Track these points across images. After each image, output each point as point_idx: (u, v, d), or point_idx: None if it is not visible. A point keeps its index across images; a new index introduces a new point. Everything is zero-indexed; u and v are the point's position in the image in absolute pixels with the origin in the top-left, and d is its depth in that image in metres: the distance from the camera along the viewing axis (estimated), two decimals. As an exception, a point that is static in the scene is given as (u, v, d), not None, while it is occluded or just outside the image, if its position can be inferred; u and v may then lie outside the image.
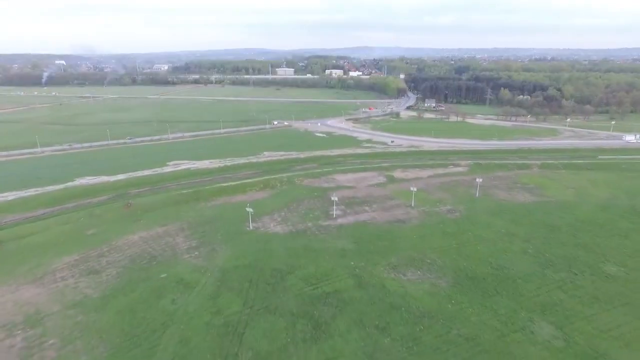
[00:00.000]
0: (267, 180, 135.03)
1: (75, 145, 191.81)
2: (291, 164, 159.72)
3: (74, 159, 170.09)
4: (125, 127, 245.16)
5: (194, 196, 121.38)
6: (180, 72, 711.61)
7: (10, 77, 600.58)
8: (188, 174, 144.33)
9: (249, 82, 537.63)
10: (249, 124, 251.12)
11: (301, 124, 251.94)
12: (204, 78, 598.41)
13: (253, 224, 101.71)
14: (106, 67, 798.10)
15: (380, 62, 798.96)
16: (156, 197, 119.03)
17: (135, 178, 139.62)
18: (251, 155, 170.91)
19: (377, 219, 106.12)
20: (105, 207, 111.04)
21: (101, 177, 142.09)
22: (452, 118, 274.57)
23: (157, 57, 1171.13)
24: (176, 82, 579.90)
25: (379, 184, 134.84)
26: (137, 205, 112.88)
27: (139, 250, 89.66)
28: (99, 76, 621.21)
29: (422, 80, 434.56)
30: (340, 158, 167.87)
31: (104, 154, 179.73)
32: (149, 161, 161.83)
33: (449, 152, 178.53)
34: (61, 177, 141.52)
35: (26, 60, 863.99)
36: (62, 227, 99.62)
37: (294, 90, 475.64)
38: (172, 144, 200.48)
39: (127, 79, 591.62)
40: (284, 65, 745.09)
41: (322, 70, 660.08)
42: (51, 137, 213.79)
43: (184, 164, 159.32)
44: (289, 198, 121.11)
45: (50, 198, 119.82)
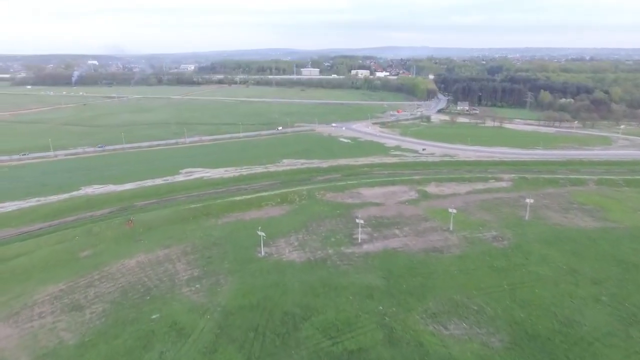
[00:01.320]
0: (285, 193, 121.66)
1: (89, 148, 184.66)
2: (312, 174, 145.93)
3: (85, 164, 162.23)
4: (144, 129, 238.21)
5: (203, 211, 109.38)
6: (206, 72, 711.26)
7: (43, 77, 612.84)
8: (200, 185, 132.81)
9: (272, 83, 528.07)
10: (271, 127, 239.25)
11: (325, 128, 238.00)
12: (228, 78, 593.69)
13: (265, 249, 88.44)
14: (135, 67, 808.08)
15: (408, 62, 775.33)
16: (162, 213, 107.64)
17: (144, 188, 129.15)
18: (269, 163, 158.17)
19: (409, 246, 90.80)
20: (105, 223, 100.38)
21: (108, 185, 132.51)
22: (488, 123, 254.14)
23: (185, 57, 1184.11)
24: (201, 82, 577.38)
25: (410, 200, 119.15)
26: (139, 222, 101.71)
27: (133, 280, 77.90)
28: (127, 76, 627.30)
29: (453, 81, 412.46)
30: (366, 168, 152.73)
31: (117, 158, 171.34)
32: (161, 168, 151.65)
33: (488, 162, 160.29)
34: (68, 184, 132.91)
35: (61, 60, 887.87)
36: (55, 247, 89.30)
37: (318, 91, 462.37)
38: (188, 148, 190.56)
39: (153, 79, 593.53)
40: (309, 65, 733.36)
41: (348, 70, 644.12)
42: (68, 139, 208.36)
43: (198, 172, 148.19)
44: (308, 216, 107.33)
45: (50, 210, 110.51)
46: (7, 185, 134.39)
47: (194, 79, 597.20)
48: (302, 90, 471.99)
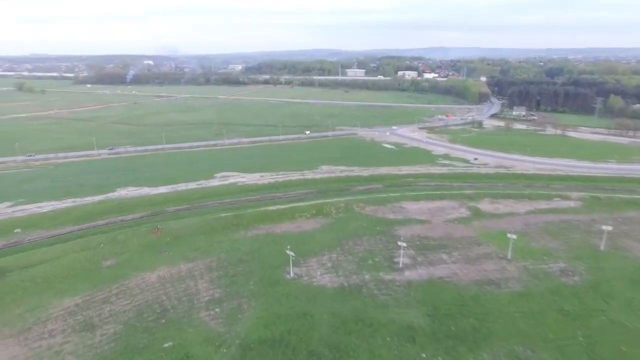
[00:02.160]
0: (321, 205, 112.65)
1: (130, 148, 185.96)
2: (351, 183, 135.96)
3: (125, 164, 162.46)
4: (186, 129, 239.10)
5: (233, 221, 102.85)
6: (253, 72, 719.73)
7: (102, 76, 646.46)
8: (233, 191, 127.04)
9: (314, 84, 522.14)
10: (312, 129, 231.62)
11: (367, 132, 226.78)
12: (273, 78, 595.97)
13: (295, 270, 79.93)
14: (186, 67, 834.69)
15: (458, 63, 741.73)
16: (190, 221, 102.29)
17: (177, 192, 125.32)
18: (307, 170, 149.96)
19: (459, 275, 78.67)
20: (131, 230, 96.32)
21: (143, 188, 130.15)
22: (548, 130, 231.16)
23: (234, 57, 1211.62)
24: (247, 82, 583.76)
25: (460, 219, 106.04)
26: (166, 231, 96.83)
27: (151, 297, 72.14)
28: (178, 76, 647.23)
29: (509, 84, 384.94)
30: (410, 178, 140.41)
31: (156, 159, 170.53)
32: (197, 171, 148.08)
33: (551, 177, 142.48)
34: (105, 185, 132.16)
35: (121, 60, 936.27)
36: (80, 254, 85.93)
37: (363, 92, 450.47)
38: (226, 151, 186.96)
39: (202, 78, 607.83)
40: (355, 66, 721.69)
41: (395, 71, 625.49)
42: (113, 137, 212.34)
43: (233, 176, 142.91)
44: (344, 232, 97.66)
45: (82, 213, 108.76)
46: (49, 184, 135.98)
47: (240, 79, 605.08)
48: (345, 91, 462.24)
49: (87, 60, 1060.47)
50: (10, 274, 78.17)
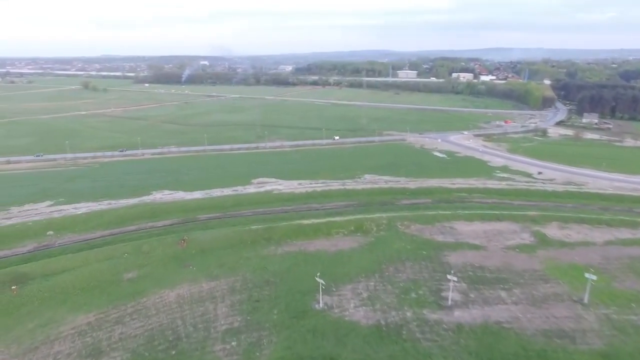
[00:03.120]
0: (361, 220, 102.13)
1: (173, 148, 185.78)
2: (396, 195, 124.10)
3: (165, 165, 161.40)
4: (230, 130, 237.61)
5: (264, 235, 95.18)
6: (302, 73, 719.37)
7: (160, 76, 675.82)
8: (268, 199, 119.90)
9: (363, 85, 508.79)
10: (357, 134, 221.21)
11: (417, 138, 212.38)
12: (322, 79, 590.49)
13: (326, 298, 70.40)
14: (239, 68, 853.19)
15: (519, 64, 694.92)
16: (219, 233, 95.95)
17: (210, 199, 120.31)
18: (349, 179, 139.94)
19: (521, 321, 65.16)
20: (158, 240, 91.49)
21: (178, 192, 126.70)
22: (627, 142, 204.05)
23: (286, 58, 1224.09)
24: (296, 83, 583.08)
25: (522, 246, 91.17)
26: (193, 242, 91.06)
27: (166, 321, 65.73)
28: (229, 76, 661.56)
29: (577, 88, 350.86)
30: (463, 193, 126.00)
31: (195, 162, 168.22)
32: (234, 176, 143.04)
33: (634, 199, 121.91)
34: (141, 187, 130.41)
35: (179, 61, 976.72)
36: (102, 264, 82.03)
37: (414, 95, 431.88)
38: (266, 154, 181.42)
39: (252, 79, 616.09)
40: (407, 67, 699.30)
41: (449, 73, 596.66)
42: (160, 137, 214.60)
43: (270, 183, 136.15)
44: (385, 254, 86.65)
45: (115, 217, 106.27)
46: (90, 184, 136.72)
47: (289, 80, 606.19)
48: (396, 93, 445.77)
49: (149, 60, 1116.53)
50: (32, 281, 75.40)
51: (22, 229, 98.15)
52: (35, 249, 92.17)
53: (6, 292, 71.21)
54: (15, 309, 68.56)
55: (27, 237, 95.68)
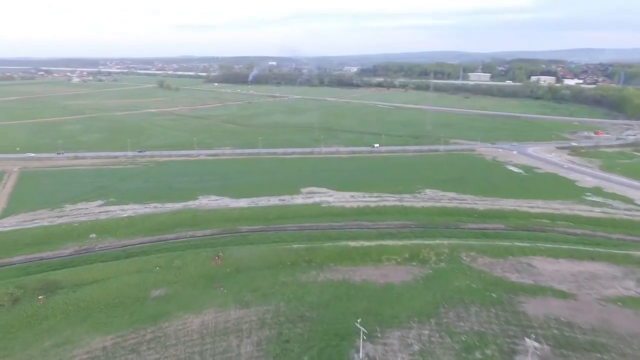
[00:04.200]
0: (418, 247, 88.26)
1: (227, 150, 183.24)
2: (462, 217, 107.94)
3: (217, 168, 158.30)
4: (287, 132, 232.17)
5: (305, 256, 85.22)
6: (367, 74, 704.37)
7: (228, 76, 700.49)
8: (315, 213, 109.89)
9: (431, 88, 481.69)
10: (420, 141, 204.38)
11: (489, 149, 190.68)
12: (387, 81, 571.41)
13: (368, 346, 58.60)
14: (304, 69, 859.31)
15: (611, 67, 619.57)
16: (257, 250, 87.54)
17: (254, 209, 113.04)
18: (407, 193, 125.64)
19: (630, 415, 48.21)
20: (192, 254, 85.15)
21: (224, 198, 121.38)
22: None
23: (351, 59, 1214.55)
24: (360, 85, 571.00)
25: (626, 299, 71.70)
26: (228, 258, 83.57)
27: (184, 355, 58.08)
28: (294, 76, 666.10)
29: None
30: (545, 220, 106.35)
31: (247, 165, 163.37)
32: (284, 183, 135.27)
33: None
34: (189, 191, 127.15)
35: (249, 61, 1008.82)
36: (132, 277, 77.13)
37: (486, 99, 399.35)
38: (320, 160, 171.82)
39: (316, 80, 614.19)
40: (479, 69, 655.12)
41: (527, 76, 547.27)
42: (217, 137, 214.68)
43: (320, 193, 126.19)
44: (444, 294, 72.51)
45: (157, 223, 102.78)
46: (142, 184, 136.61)
47: (353, 81, 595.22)
48: (466, 97, 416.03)
49: (222, 61, 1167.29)
50: (61, 291, 72.19)
51: (67, 230, 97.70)
52: (76, 252, 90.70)
53: (33, 302, 68.32)
54: (37, 322, 65.07)
55: (70, 238, 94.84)
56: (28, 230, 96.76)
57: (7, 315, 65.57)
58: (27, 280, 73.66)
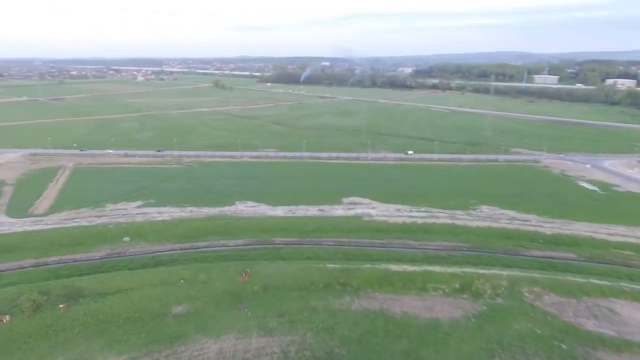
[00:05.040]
0: (470, 276, 76.74)
1: (271, 152, 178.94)
2: (524, 242, 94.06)
3: (258, 171, 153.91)
4: (334, 135, 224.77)
5: (341, 278, 76.87)
6: (422, 75, 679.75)
7: (281, 76, 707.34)
8: (356, 227, 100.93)
9: (490, 91, 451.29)
10: (477, 149, 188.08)
11: (556, 161, 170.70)
12: (443, 83, 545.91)
13: (404, 403, 49.03)
14: (357, 69, 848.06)
15: None
16: (289, 267, 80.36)
17: (292, 219, 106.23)
18: (460, 209, 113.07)
19: None
20: (219, 268, 79.66)
21: (261, 205, 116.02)
22: None
23: (406, 59, 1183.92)
24: (413, 87, 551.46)
25: None
26: (257, 275, 77.25)
27: (194, 389, 52.05)
28: (346, 77, 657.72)
29: None
30: (629, 251, 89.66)
31: (290, 170, 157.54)
32: (324, 191, 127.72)
33: None
34: (227, 195, 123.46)
35: (303, 62, 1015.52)
36: (155, 289, 73.06)
37: (553, 104, 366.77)
38: (366, 167, 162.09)
39: (368, 81, 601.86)
40: (546, 71, 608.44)
41: (601, 79, 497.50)
42: (263, 138, 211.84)
43: (362, 204, 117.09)
44: (500, 339, 61.04)
45: (189, 229, 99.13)
46: (182, 186, 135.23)
47: (407, 83, 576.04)
48: (530, 101, 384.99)
49: (276, 61, 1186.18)
50: (83, 300, 69.51)
51: (103, 232, 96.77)
52: (108, 255, 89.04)
53: (54, 310, 66.01)
54: (55, 333, 62.36)
55: (104, 240, 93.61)
56: (66, 230, 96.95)
57: (27, 323, 63.54)
58: (52, 285, 71.94)
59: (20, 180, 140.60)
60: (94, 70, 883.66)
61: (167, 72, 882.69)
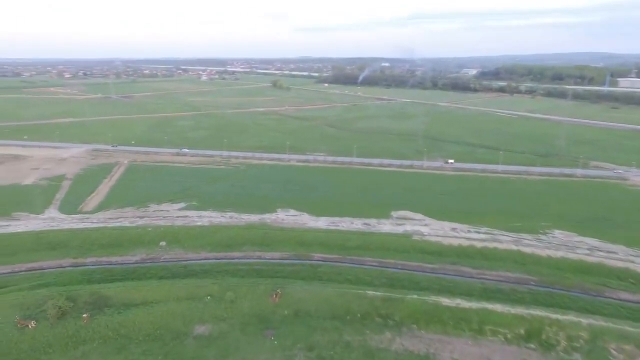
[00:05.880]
0: (539, 320, 63.71)
1: (319, 157, 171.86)
2: (608, 280, 78.25)
3: (304, 176, 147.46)
4: (387, 140, 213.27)
5: (382, 309, 67.46)
6: (487, 77, 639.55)
7: (339, 76, 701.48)
8: (404, 248, 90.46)
9: (567, 95, 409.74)
10: (550, 161, 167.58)
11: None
12: (511, 86, 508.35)
13: None
14: (418, 70, 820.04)
15: None
16: (324, 291, 72.21)
17: (333, 232, 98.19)
18: (528, 232, 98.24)
19: None
20: (248, 287, 73.19)
21: (303, 215, 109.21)
22: None
23: (472, 60, 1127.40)
24: (478, 89, 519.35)
25: None
26: (288, 297, 70.14)
27: None
28: (406, 78, 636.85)
29: None
30: None
31: (337, 176, 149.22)
32: (372, 202, 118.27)
33: None
34: (269, 201, 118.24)
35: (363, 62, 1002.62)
36: (180, 304, 68.41)
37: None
38: (420, 177, 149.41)
39: (429, 82, 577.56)
40: (633, 74, 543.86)
41: None
42: (313, 141, 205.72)
43: (414, 220, 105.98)
44: (579, 412, 48.33)
45: (226, 238, 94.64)
46: (226, 189, 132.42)
47: (471, 85, 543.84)
48: (613, 108, 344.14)
49: (335, 61, 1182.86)
50: (108, 310, 66.56)
51: (141, 234, 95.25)
52: (142, 260, 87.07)
53: (78, 320, 63.52)
54: (74, 346, 59.61)
55: (141, 244, 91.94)
56: (107, 231, 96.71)
57: (50, 331, 61.44)
58: (81, 292, 69.96)
59: (78, 175, 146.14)
60: (164, 70, 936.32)
61: (229, 72, 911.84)
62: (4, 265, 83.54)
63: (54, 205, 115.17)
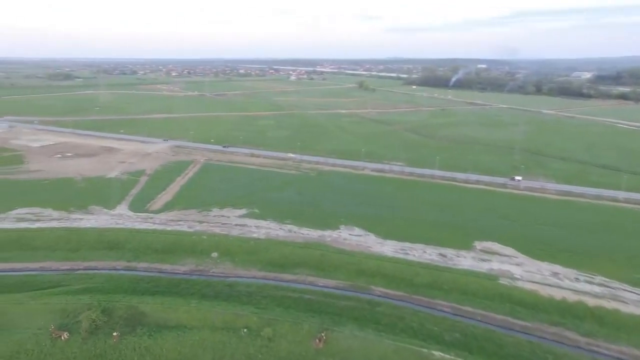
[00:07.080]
0: None
1: (396, 167, 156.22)
2: None
3: (377, 189, 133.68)
4: (477, 152, 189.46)
5: (450, 378, 52.54)
6: (605, 82, 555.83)
7: (429, 78, 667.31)
8: (487, 294, 73.06)
9: None
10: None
11: None
12: (636, 92, 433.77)
13: None
14: (519, 73, 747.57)
15: None
16: (378, 344, 59.07)
17: (400, 263, 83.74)
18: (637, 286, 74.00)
19: None
20: (290, 325, 62.85)
21: (368, 235, 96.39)
22: None
23: (584, 63, 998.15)
24: (593, 95, 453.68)
25: None
26: (333, 344, 58.60)
27: None
28: (504, 82, 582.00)
29: None
30: None
31: (414, 191, 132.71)
32: (452, 227, 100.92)
33: None
34: (334, 215, 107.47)
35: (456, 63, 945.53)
36: (214, 334, 60.83)
37: None
38: (514, 200, 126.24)
39: (531, 87, 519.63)
40: None
41: None
42: (392, 148, 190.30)
43: (502, 256, 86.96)
44: None
45: (279, 256, 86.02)
46: (292, 197, 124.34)
47: (583, 90, 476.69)
48: None
49: (426, 62, 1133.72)
50: (140, 330, 61.49)
51: (195, 242, 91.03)
52: (191, 271, 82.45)
53: (108, 338, 59.25)
54: None
55: (193, 253, 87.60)
56: (163, 235, 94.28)
57: (79, 347, 57.93)
58: (119, 304, 66.15)
59: (156, 171, 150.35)
60: (257, 70, 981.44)
61: (318, 72, 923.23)
62: (65, 261, 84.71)
63: (126, 201, 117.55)
